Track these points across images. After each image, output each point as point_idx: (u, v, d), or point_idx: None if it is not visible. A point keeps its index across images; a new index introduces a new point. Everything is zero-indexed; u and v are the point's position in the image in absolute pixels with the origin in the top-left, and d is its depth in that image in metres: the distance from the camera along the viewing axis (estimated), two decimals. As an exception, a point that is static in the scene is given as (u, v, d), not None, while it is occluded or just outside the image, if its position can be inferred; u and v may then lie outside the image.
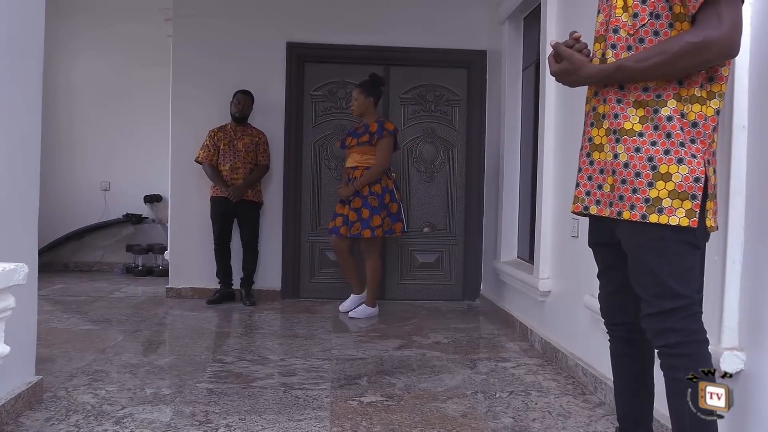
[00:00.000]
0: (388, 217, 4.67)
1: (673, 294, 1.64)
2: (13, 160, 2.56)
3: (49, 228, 6.39)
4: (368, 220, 4.59)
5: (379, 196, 4.62)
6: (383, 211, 4.64)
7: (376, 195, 4.61)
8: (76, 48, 6.88)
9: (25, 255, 2.57)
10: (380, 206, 4.62)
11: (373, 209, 4.61)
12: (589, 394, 2.96)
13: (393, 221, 4.71)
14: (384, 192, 4.65)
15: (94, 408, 2.65)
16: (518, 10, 4.66)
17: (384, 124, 4.68)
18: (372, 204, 4.60)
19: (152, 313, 4.70)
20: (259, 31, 5.31)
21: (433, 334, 4.21)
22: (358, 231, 4.61)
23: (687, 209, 1.61)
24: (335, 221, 4.75)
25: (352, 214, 4.64)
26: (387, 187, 4.67)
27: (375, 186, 4.62)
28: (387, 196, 4.66)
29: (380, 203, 4.62)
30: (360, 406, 2.75)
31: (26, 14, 2.64)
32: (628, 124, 1.69)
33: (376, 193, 4.62)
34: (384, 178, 4.66)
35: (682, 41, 1.59)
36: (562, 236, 3.57)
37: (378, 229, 4.63)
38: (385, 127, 4.66)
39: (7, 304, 1.70)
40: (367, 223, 4.59)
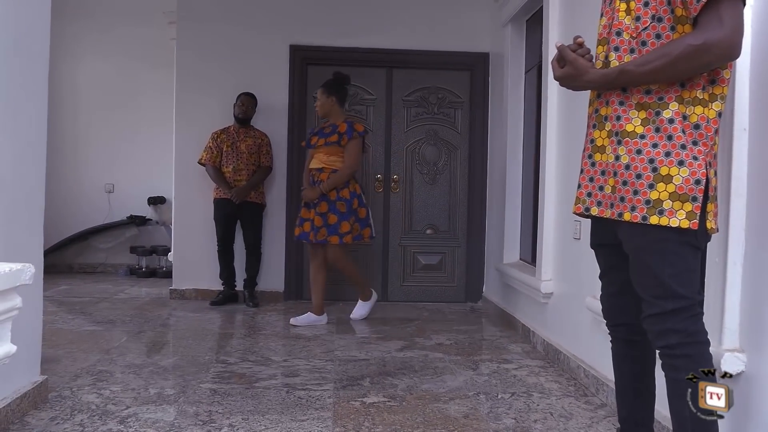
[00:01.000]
0: (357, 222, 4.48)
1: (674, 295, 1.65)
2: (20, 162, 2.58)
3: (53, 229, 6.41)
4: (336, 226, 4.38)
5: (348, 201, 4.42)
6: (352, 216, 4.44)
7: (344, 200, 4.41)
8: (81, 51, 6.91)
9: (32, 256, 2.60)
10: (349, 212, 4.42)
11: (342, 215, 4.39)
12: (590, 396, 2.97)
13: (362, 227, 4.52)
14: (353, 197, 4.46)
15: (98, 408, 2.67)
16: (521, 13, 4.67)
17: (354, 125, 4.49)
18: (340, 210, 4.39)
19: (156, 315, 4.72)
20: (262, 34, 5.34)
21: (435, 335, 4.22)
22: (325, 237, 4.39)
23: (687, 211, 1.62)
24: (303, 227, 4.48)
25: (318, 219, 4.41)
26: (355, 192, 4.49)
27: (343, 190, 4.42)
28: (356, 201, 4.48)
29: (348, 209, 4.42)
30: (362, 407, 2.76)
31: (32, 18, 2.67)
32: (630, 126, 1.71)
33: (345, 198, 4.41)
34: (352, 182, 4.49)
35: (684, 44, 1.60)
36: (564, 238, 3.58)
37: (347, 236, 4.41)
38: (355, 128, 4.47)
39: (14, 303, 1.71)
40: (335, 229, 4.38)
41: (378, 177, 5.52)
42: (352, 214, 4.44)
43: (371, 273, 5.50)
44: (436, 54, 5.44)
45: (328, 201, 4.40)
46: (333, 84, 4.58)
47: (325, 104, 4.53)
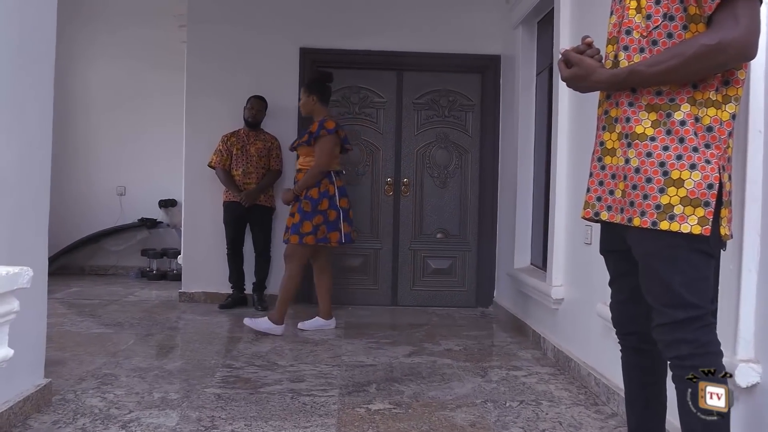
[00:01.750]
0: (324, 224, 4.26)
1: (686, 304, 1.59)
2: (24, 164, 2.57)
3: (65, 232, 6.45)
4: (298, 225, 4.23)
5: (313, 201, 4.24)
6: (317, 216, 4.24)
7: (310, 199, 4.24)
8: (93, 53, 6.93)
9: (36, 258, 2.59)
10: (313, 211, 4.23)
11: (305, 214, 4.23)
12: (601, 405, 2.91)
13: (329, 230, 4.28)
14: (322, 197, 4.26)
15: (101, 411, 2.65)
16: (532, 15, 4.62)
17: (325, 122, 4.30)
18: (304, 209, 4.23)
19: (164, 317, 4.70)
20: (272, 37, 5.32)
21: (444, 341, 4.17)
22: (288, 237, 4.30)
23: (699, 216, 1.56)
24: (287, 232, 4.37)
25: (288, 219, 4.35)
26: (327, 192, 4.28)
27: (312, 190, 4.25)
28: (325, 201, 4.26)
29: (314, 208, 4.23)
30: (367, 414, 2.72)
31: (38, 20, 2.65)
32: (639, 128, 1.65)
33: (311, 197, 4.24)
34: (325, 181, 4.29)
35: (697, 44, 1.55)
36: (575, 243, 3.52)
37: (308, 236, 4.22)
38: (325, 125, 4.28)
39: (11, 307, 1.68)
40: (296, 228, 4.23)
41: (388, 180, 5.48)
42: (317, 214, 4.24)
43: (381, 277, 5.46)
44: (447, 56, 5.40)
45: (298, 200, 4.30)
46: (314, 82, 4.48)
47: (307, 103, 4.43)
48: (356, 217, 5.43)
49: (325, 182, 4.30)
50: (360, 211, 5.47)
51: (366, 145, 5.49)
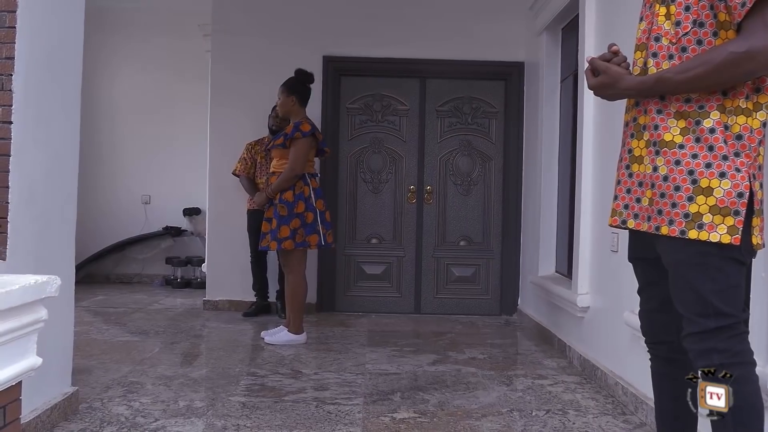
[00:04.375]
0: (302, 227, 4.15)
1: (717, 312, 1.56)
2: (52, 174, 2.61)
3: (91, 240, 6.52)
4: (276, 231, 4.11)
5: (289, 204, 4.12)
6: (294, 220, 4.12)
7: (285, 203, 4.13)
8: (118, 63, 7.03)
9: (63, 267, 2.62)
10: (290, 215, 4.11)
11: (281, 218, 4.11)
12: (629, 415, 2.87)
13: (307, 232, 4.16)
14: (297, 199, 4.14)
15: (127, 420, 2.66)
16: (556, 21, 4.60)
17: (300, 125, 4.20)
18: (280, 213, 4.12)
19: (189, 325, 4.74)
20: (296, 45, 5.35)
21: (468, 349, 4.15)
22: (267, 243, 4.19)
23: (729, 225, 1.53)
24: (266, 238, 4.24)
25: (265, 225, 4.22)
26: (302, 194, 4.16)
27: (286, 193, 4.14)
28: (300, 204, 4.14)
29: (290, 212, 4.11)
30: (392, 423, 2.71)
31: (65, 33, 2.70)
32: (668, 135, 1.63)
33: (286, 200, 4.13)
34: (299, 184, 4.17)
35: (726, 51, 1.52)
36: (601, 250, 3.49)
37: (286, 241, 4.10)
38: (301, 128, 4.18)
39: (39, 316, 1.71)
40: (274, 234, 4.12)
41: (411, 188, 5.47)
42: (294, 217, 4.12)
43: (404, 284, 5.45)
44: (470, 63, 5.40)
45: (273, 205, 4.18)
46: (294, 83, 4.35)
47: (285, 104, 4.30)
48: (380, 224, 5.45)
49: (300, 184, 4.18)
50: (383, 218, 5.47)
51: (389, 153, 5.49)
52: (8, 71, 2.35)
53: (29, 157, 2.43)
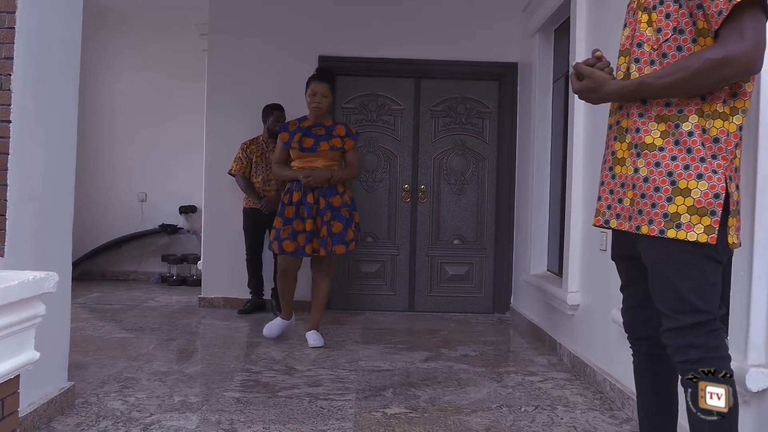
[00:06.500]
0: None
1: (694, 309, 1.62)
2: (50, 172, 2.65)
3: (87, 237, 6.55)
4: (343, 234, 4.07)
5: (350, 207, 4.16)
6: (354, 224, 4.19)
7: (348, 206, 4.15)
8: (117, 63, 7.05)
9: (61, 264, 2.66)
10: (351, 218, 4.14)
11: (347, 221, 4.12)
12: (616, 410, 2.92)
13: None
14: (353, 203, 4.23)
15: (123, 414, 2.71)
16: (549, 22, 4.65)
17: (349, 125, 4.39)
18: (345, 215, 4.11)
19: (184, 322, 4.78)
20: (292, 45, 5.39)
21: (461, 346, 4.20)
22: (331, 248, 4.02)
23: (706, 225, 1.59)
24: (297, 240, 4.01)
25: (323, 229, 4.02)
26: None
27: (346, 195, 4.17)
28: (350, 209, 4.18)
29: (350, 214, 4.14)
30: (384, 418, 2.76)
31: (63, 33, 2.74)
32: (649, 138, 1.69)
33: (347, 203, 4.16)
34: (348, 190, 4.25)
35: (703, 57, 1.58)
36: (590, 249, 3.54)
37: (352, 243, 4.17)
38: (351, 131, 4.29)
39: (37, 311, 1.75)
40: (342, 238, 4.05)
41: (405, 187, 5.52)
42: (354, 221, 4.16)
43: (398, 283, 5.50)
44: (464, 64, 5.44)
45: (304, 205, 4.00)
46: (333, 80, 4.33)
47: (330, 103, 4.24)
48: (374, 222, 5.49)
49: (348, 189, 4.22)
50: (377, 217, 5.52)
51: (383, 152, 5.54)
52: (7, 71, 2.40)
53: (28, 156, 2.47)
